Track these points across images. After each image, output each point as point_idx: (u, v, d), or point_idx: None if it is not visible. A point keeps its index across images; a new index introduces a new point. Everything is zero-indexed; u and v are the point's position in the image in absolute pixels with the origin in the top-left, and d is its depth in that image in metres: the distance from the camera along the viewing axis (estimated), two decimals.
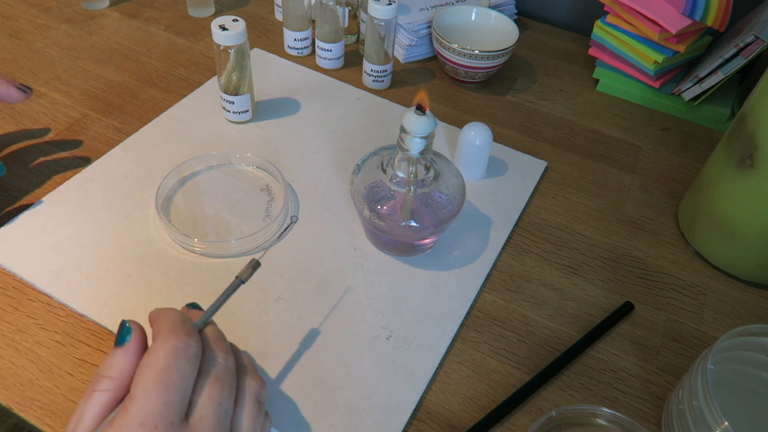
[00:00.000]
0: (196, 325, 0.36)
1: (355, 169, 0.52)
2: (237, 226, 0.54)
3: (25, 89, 0.54)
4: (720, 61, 0.67)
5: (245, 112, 0.64)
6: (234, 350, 0.38)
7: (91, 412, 0.33)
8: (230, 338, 0.38)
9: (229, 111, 0.64)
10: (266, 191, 0.57)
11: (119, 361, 0.34)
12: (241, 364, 0.37)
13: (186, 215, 0.55)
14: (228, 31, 0.58)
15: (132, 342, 0.34)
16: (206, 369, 0.34)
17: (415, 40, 0.75)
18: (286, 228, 0.45)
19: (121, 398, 0.33)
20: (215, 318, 0.39)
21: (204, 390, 0.33)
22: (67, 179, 0.57)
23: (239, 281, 0.39)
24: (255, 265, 0.40)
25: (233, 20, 0.59)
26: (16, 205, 0.55)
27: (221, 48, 0.59)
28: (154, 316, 0.36)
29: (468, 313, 0.51)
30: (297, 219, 0.52)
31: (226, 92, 0.62)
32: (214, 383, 0.34)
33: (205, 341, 0.36)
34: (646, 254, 0.58)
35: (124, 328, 0.35)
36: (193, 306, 0.40)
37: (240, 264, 0.45)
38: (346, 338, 0.48)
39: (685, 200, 0.60)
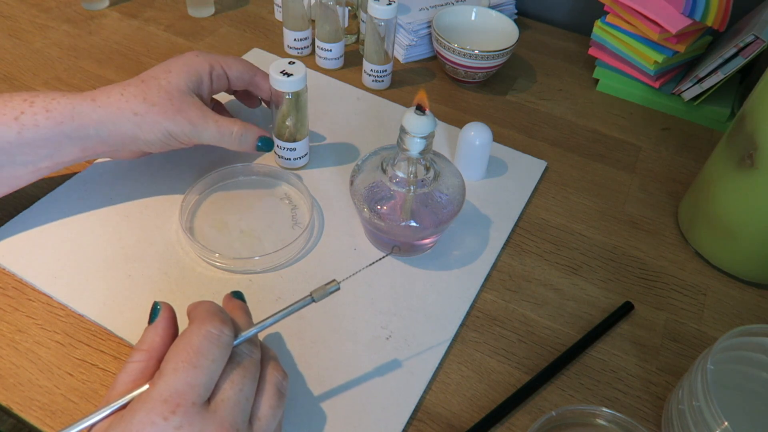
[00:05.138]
0: (250, 333, 0.37)
1: (355, 169, 0.52)
2: (266, 237, 0.54)
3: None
4: (720, 61, 0.67)
5: (302, 157, 0.60)
6: (260, 342, 0.40)
7: (124, 379, 0.35)
8: None
9: (283, 158, 0.59)
10: (286, 199, 0.57)
11: (150, 335, 0.37)
12: (265, 355, 0.39)
13: (210, 232, 0.54)
14: (290, 77, 0.53)
15: (160, 319, 0.37)
16: (232, 357, 0.36)
17: (415, 40, 0.75)
18: (383, 257, 0.44)
19: (153, 369, 0.36)
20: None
21: (228, 375, 0.35)
22: (67, 179, 0.57)
23: (311, 299, 0.38)
24: (334, 290, 0.39)
25: (289, 63, 0.54)
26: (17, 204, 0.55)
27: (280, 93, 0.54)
28: (192, 307, 0.38)
29: (468, 313, 0.51)
30: (400, 248, 0.50)
31: (279, 138, 0.58)
32: (237, 370, 0.35)
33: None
34: (646, 254, 0.58)
35: (155, 309, 0.38)
36: (237, 296, 0.42)
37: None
38: (346, 338, 0.48)
39: (685, 200, 0.60)
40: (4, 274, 0.50)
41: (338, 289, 0.39)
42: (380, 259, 0.44)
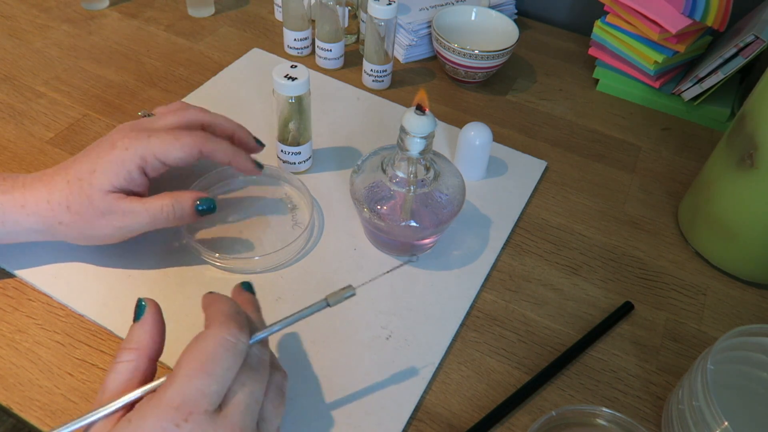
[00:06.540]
0: (264, 335, 0.37)
1: (355, 169, 0.52)
2: (266, 237, 0.54)
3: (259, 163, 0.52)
4: (720, 61, 0.67)
5: (306, 161, 0.60)
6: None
7: (116, 381, 0.34)
8: None
9: (287, 162, 0.59)
10: (286, 199, 0.57)
11: (137, 333, 0.36)
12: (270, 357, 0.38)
13: (210, 232, 0.54)
14: (294, 81, 0.53)
15: (147, 316, 0.37)
16: (244, 359, 0.35)
17: (415, 40, 0.75)
18: (401, 265, 0.42)
19: (144, 368, 0.35)
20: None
21: (239, 379, 0.34)
22: None
23: (325, 304, 0.38)
24: (349, 295, 0.38)
25: (292, 66, 0.54)
26: None
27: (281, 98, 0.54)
28: (208, 302, 0.37)
29: (468, 313, 0.51)
30: (417, 259, 0.50)
31: (282, 142, 0.58)
32: (249, 373, 0.34)
33: None
34: (646, 254, 0.58)
35: (140, 306, 0.37)
36: (247, 287, 0.42)
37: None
38: (346, 338, 0.48)
39: (685, 200, 0.60)
40: (4, 274, 0.50)
41: (354, 294, 0.38)
42: (398, 267, 0.42)
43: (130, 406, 0.34)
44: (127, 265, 0.51)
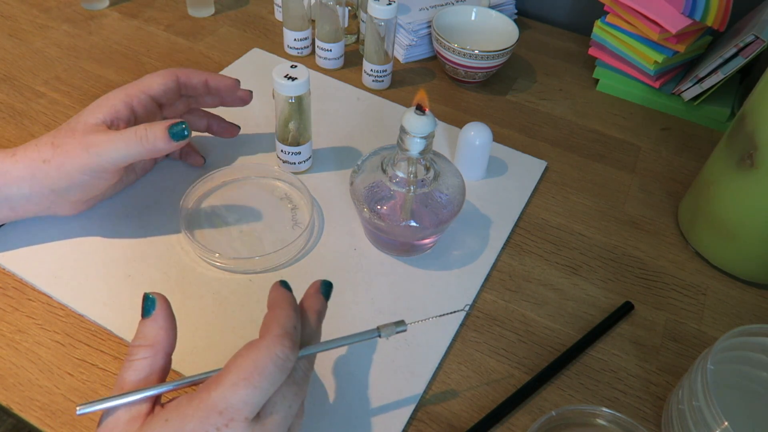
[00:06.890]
0: (313, 351, 0.37)
1: (355, 169, 0.52)
2: (266, 237, 0.54)
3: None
4: (720, 61, 0.67)
5: (306, 161, 0.60)
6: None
7: (134, 377, 0.35)
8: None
9: (287, 162, 0.59)
10: (286, 199, 0.57)
11: (151, 329, 0.36)
12: None
13: (210, 232, 0.54)
14: (294, 81, 0.53)
15: (159, 311, 0.36)
16: (290, 372, 0.35)
17: (415, 40, 0.75)
18: (455, 312, 0.44)
19: (161, 364, 0.35)
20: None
21: (281, 391, 0.34)
22: None
23: (377, 334, 0.38)
24: (400, 330, 0.38)
25: (292, 66, 0.54)
26: None
27: (282, 98, 0.54)
28: (273, 302, 0.37)
29: (468, 313, 0.51)
30: (470, 309, 0.51)
31: (282, 142, 0.58)
32: (292, 387, 0.35)
33: None
34: (646, 254, 0.58)
35: (148, 300, 0.37)
36: (325, 292, 0.42)
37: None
38: None
39: (685, 200, 0.60)
40: (4, 274, 0.50)
41: (405, 330, 0.38)
42: (453, 312, 0.44)
43: (152, 401, 0.34)
44: (127, 265, 0.51)
